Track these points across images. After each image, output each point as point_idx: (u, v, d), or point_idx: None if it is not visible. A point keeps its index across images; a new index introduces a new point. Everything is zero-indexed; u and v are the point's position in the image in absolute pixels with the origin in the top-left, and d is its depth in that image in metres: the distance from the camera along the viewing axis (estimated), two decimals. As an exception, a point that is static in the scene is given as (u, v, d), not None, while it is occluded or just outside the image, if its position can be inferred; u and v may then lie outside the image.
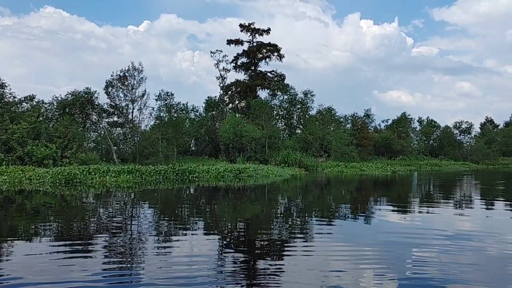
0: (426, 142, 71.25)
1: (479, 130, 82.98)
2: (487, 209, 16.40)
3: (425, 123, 72.51)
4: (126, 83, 39.57)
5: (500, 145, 74.17)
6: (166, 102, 46.61)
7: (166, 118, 44.60)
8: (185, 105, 50.66)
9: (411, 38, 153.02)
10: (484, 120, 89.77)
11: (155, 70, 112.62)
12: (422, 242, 9.43)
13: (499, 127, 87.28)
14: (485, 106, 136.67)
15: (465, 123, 74.99)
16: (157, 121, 43.03)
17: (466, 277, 6.77)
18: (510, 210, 16.10)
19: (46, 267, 7.14)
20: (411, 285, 6.37)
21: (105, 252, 8.40)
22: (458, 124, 74.74)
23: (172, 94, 47.12)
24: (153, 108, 43.97)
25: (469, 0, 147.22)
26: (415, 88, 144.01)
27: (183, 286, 6.22)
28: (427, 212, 15.09)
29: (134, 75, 39.70)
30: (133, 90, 39.82)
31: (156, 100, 46.21)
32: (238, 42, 54.59)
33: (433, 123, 72.73)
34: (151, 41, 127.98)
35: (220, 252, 8.57)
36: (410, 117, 68.54)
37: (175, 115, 46.96)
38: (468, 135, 75.10)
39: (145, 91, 40.72)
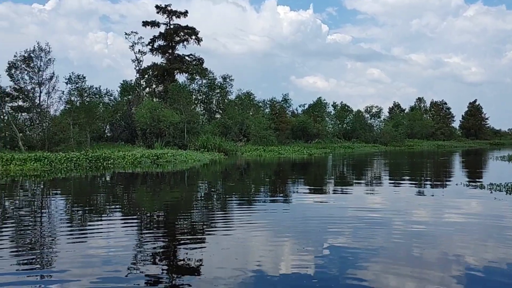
0: (340, 125, 74.49)
1: (387, 114, 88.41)
2: (395, 187, 17.51)
3: (339, 107, 75.74)
4: (31, 64, 36.59)
5: (406, 128, 79.58)
6: (77, 85, 43.92)
7: (77, 103, 42.07)
8: (98, 89, 48.19)
9: (326, 25, 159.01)
10: (392, 105, 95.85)
11: (65, 53, 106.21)
12: (336, 222, 9.82)
13: (405, 111, 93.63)
14: (393, 92, 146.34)
15: (375, 107, 79.38)
16: (68, 106, 40.45)
17: (376, 253, 7.15)
18: (414, 187, 17.31)
19: None
20: (326, 260, 6.58)
21: (13, 249, 7.70)
22: (369, 109, 78.90)
23: (84, 77, 44.39)
24: (63, 92, 41.14)
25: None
26: (330, 74, 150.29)
27: (100, 277, 5.87)
28: (341, 192, 15.81)
29: (41, 56, 36.80)
30: (40, 73, 36.92)
31: (66, 83, 43.22)
32: (154, 24, 52.90)
33: (346, 107, 76.21)
34: (59, 21, 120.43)
35: (139, 240, 8.26)
36: (325, 102, 71.12)
37: (88, 99, 44.48)
38: (378, 119, 79.65)
39: (53, 73, 37.90)
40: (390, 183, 19.44)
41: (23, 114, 39.98)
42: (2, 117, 38.17)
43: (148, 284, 5.73)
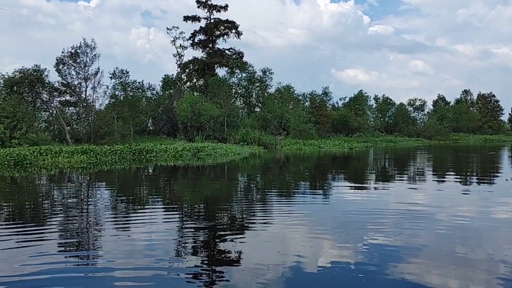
0: (381, 119, 72.99)
1: (431, 107, 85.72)
2: (439, 182, 17.00)
3: (380, 100, 74.14)
4: (78, 60, 37.92)
5: (451, 121, 76.97)
6: (121, 80, 45.23)
7: (121, 97, 43.31)
8: (141, 83, 49.35)
9: (367, 17, 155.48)
10: (437, 98, 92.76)
11: (109, 48, 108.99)
12: (377, 217, 9.62)
13: (450, 104, 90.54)
14: (437, 84, 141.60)
15: (419, 100, 77.23)
16: (112, 100, 41.68)
17: (418, 250, 6.97)
18: (460, 183, 16.74)
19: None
20: (366, 255, 6.47)
21: (61, 236, 8.06)
22: (412, 102, 76.88)
23: (128, 72, 45.75)
24: (108, 86, 42.52)
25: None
26: (371, 66, 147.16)
27: (142, 266, 6.03)
28: (382, 188, 15.49)
29: (87, 52, 38.08)
30: (86, 68, 38.24)
31: (111, 78, 44.73)
32: (195, 18, 53.39)
33: (388, 100, 74.50)
34: (103, 17, 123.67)
35: (179, 230, 8.41)
36: (366, 95, 69.77)
37: (131, 93, 45.70)
38: (422, 112, 77.51)
39: (98, 68, 39.19)
40: (434, 178, 18.89)
41: (70, 108, 41.54)
42: (51, 111, 39.81)
43: (189, 274, 5.82)
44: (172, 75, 52.73)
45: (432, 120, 73.63)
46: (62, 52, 37.78)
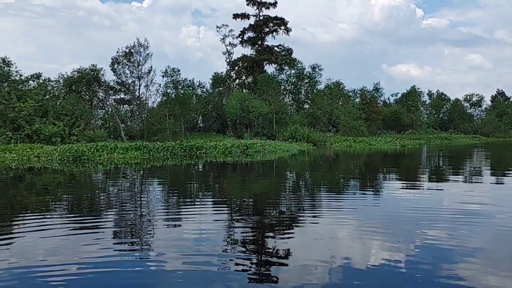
0: (435, 115, 70.59)
1: (490, 103, 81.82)
2: (497, 183, 16.19)
3: (434, 96, 71.71)
4: (132, 59, 39.29)
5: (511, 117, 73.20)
6: (172, 78, 46.42)
7: (173, 95, 44.44)
8: (192, 81, 50.37)
9: (420, 10, 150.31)
10: (495, 93, 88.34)
11: (160, 47, 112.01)
12: (431, 216, 9.29)
13: (510, 100, 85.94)
14: (496, 79, 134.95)
15: (476, 96, 74.03)
16: (164, 98, 42.89)
17: (474, 252, 6.66)
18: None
19: (57, 243, 7.12)
20: (418, 255, 6.26)
21: (115, 228, 8.38)
22: (468, 97, 73.84)
23: (179, 70, 46.98)
24: (160, 84, 43.85)
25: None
26: (425, 61, 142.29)
27: (192, 260, 6.15)
28: (436, 187, 14.92)
29: (140, 51, 39.40)
30: (139, 67, 39.57)
31: (163, 76, 46.10)
32: (244, 16, 53.77)
33: (443, 96, 71.97)
34: (155, 17, 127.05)
35: (229, 225, 8.51)
36: (419, 90, 67.73)
37: (182, 91, 46.75)
38: (479, 108, 74.38)
39: (151, 67, 40.47)
40: (492, 177, 18.01)
41: (124, 106, 43.13)
42: (106, 109, 41.46)
43: (238, 270, 5.87)
44: (222, 72, 53.51)
45: (491, 116, 70.34)
46: (117, 51, 39.37)
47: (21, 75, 35.00)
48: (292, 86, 55.46)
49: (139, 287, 5.27)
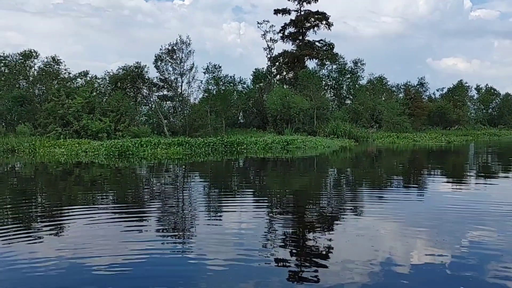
0: (484, 111, 67.84)
1: (543, 97, 77.67)
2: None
3: (483, 91, 68.83)
4: (174, 56, 39.91)
5: None
6: (214, 75, 46.88)
7: (214, 91, 44.88)
8: (233, 77, 50.67)
9: (468, 1, 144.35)
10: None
11: (202, 44, 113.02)
12: (478, 215, 8.94)
13: None
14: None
15: (528, 90, 70.51)
16: (206, 94, 43.35)
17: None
18: None
19: (103, 234, 7.38)
20: (464, 255, 6.05)
21: (159, 221, 8.60)
22: (519, 91, 70.39)
23: (220, 67, 47.33)
24: (201, 81, 44.32)
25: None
26: (473, 54, 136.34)
27: (233, 256, 6.22)
28: (484, 185, 14.33)
29: (182, 49, 39.93)
30: (182, 64, 40.13)
31: (204, 73, 46.59)
32: (285, 11, 53.45)
33: (492, 90, 68.95)
34: (196, 14, 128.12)
35: (269, 222, 8.53)
36: (467, 85, 65.18)
37: (223, 87, 47.12)
38: (531, 103, 70.64)
39: (193, 64, 40.94)
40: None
41: (167, 102, 43.92)
42: (150, 105, 42.42)
43: (278, 266, 5.88)
44: (262, 68, 53.47)
45: (544, 112, 66.82)
46: (160, 49, 40.04)
47: (69, 73, 36.51)
48: (334, 82, 54.73)
49: (181, 279, 5.39)
